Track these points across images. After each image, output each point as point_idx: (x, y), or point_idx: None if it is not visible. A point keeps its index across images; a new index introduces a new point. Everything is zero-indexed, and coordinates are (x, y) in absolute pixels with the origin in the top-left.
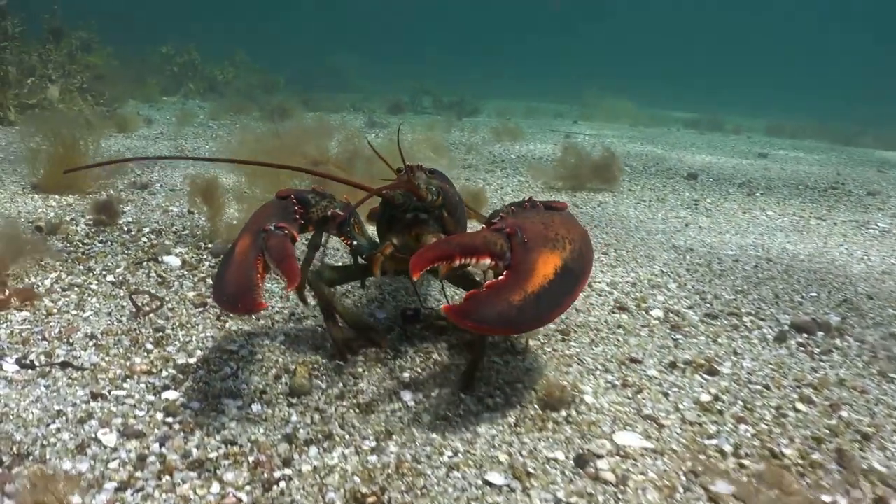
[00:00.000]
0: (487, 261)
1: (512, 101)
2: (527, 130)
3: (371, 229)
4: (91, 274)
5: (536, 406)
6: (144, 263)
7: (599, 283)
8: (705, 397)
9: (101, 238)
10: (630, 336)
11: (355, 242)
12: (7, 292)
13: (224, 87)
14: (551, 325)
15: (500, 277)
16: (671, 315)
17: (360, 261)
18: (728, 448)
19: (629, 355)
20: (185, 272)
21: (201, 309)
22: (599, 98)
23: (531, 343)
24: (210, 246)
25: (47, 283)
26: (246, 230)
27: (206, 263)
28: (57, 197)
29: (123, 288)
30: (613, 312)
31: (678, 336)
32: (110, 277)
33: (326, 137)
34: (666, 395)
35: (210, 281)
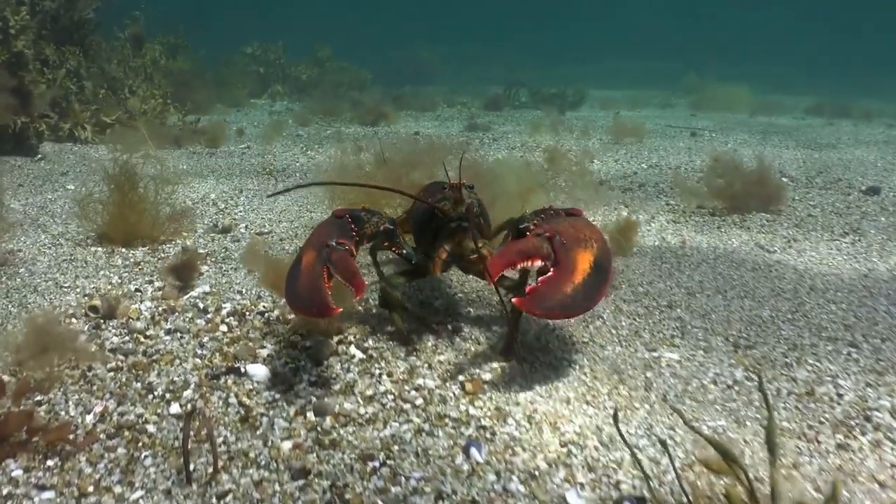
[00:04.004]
0: (539, 262)
1: (612, 90)
2: (645, 127)
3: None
4: (150, 399)
5: None
6: (222, 378)
7: (878, 411)
8: None
9: (169, 325)
10: None
11: (405, 251)
12: (29, 429)
13: (310, 86)
14: None
15: (549, 273)
16: None
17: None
18: None
19: None
20: (278, 395)
21: (302, 482)
22: (705, 83)
23: None
24: (308, 344)
25: (89, 419)
26: (309, 245)
27: (305, 378)
28: (123, 251)
29: (190, 432)
30: None
31: None
32: (174, 407)
33: (437, 162)
34: None
35: (311, 415)
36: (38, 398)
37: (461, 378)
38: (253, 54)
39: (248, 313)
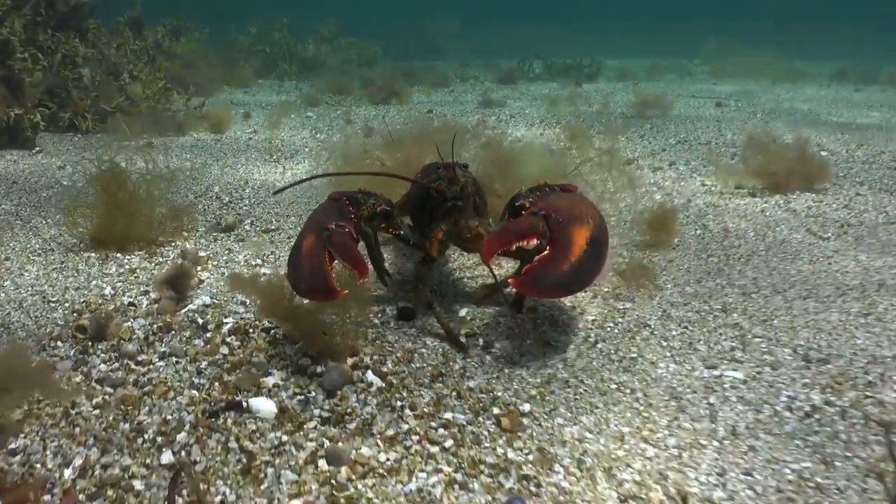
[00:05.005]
0: (535, 241)
1: (627, 58)
2: (668, 98)
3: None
4: (139, 444)
5: None
6: (221, 415)
7: None
8: None
9: (163, 347)
10: None
11: (401, 232)
12: None
13: (318, 64)
14: None
15: (545, 252)
16: None
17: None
18: None
19: None
20: (285, 436)
21: None
22: (724, 50)
23: None
24: (319, 370)
25: (68, 474)
26: (309, 229)
27: (317, 413)
28: (118, 256)
29: (181, 492)
30: None
31: None
32: (166, 456)
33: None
34: None
35: (324, 464)
36: (13, 446)
37: (496, 410)
38: (258, 34)
39: (251, 330)
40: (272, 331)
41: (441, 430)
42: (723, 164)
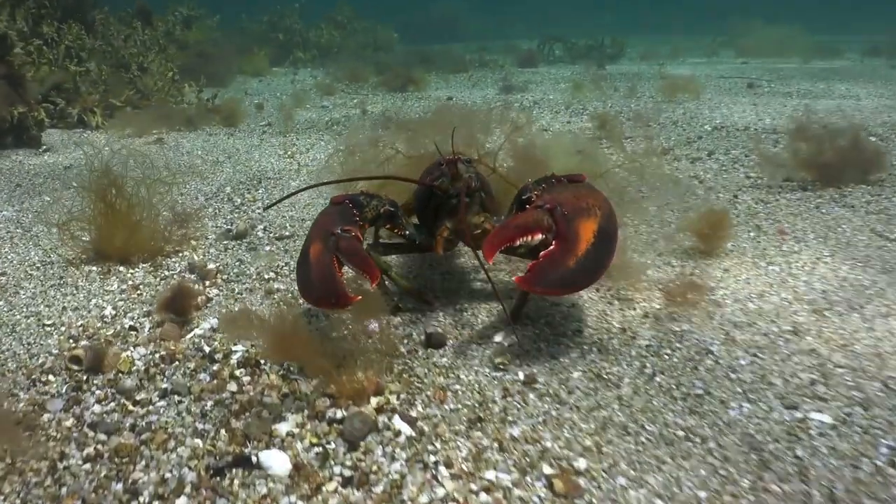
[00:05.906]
0: (539, 236)
1: (649, 36)
2: (697, 80)
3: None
4: None
5: None
6: (227, 473)
7: None
8: None
9: (165, 382)
10: None
11: (407, 231)
12: None
13: (332, 50)
14: None
15: (551, 247)
16: None
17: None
18: None
19: None
20: (300, 502)
21: None
22: (747, 26)
23: None
24: (340, 416)
25: None
26: (315, 236)
27: (337, 471)
28: (121, 270)
29: None
30: None
31: None
32: None
33: (480, 132)
34: None
35: None
36: None
37: (546, 468)
38: (270, 21)
39: (263, 361)
40: (285, 362)
41: (483, 496)
42: (768, 155)
